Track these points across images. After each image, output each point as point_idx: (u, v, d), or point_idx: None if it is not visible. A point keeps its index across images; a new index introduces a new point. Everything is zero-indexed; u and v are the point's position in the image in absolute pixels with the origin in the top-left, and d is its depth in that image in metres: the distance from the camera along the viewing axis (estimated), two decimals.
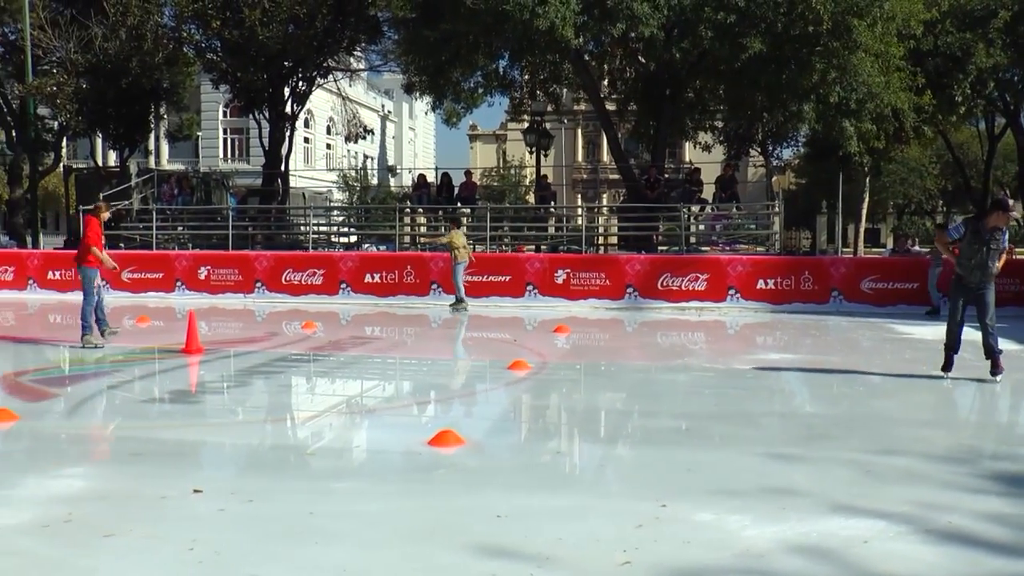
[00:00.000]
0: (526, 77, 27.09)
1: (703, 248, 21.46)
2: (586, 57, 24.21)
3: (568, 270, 18.79)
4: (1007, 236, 9.50)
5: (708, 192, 24.11)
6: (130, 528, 4.71)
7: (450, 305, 17.93)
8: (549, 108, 29.04)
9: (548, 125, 30.53)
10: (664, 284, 18.31)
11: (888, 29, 20.50)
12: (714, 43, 19.77)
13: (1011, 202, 12.88)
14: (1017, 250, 16.96)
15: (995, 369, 9.38)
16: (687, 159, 51.07)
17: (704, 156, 33.08)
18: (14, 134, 31.78)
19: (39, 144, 30.67)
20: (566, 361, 12.02)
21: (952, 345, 9.55)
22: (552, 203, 26.40)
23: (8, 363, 11.60)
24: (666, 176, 26.84)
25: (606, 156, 58.27)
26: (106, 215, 12.91)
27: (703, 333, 15.34)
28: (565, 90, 30.41)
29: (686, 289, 18.24)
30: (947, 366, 9.68)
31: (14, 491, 5.43)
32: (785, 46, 19.94)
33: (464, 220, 22.67)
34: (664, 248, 22.00)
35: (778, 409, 8.66)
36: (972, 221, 9.85)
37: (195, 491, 5.33)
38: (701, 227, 22.89)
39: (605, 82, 29.64)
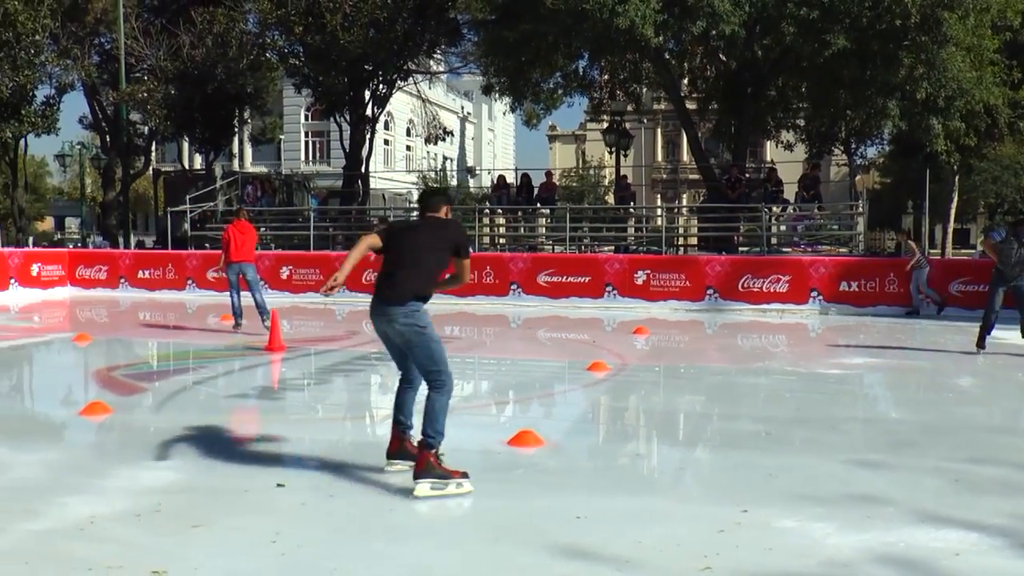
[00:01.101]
0: (605, 77, 26.99)
1: (784, 249, 21.09)
2: (666, 56, 23.99)
3: (648, 271, 18.65)
4: None
5: (789, 192, 23.69)
6: (216, 519, 4.84)
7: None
8: (629, 108, 28.89)
9: (628, 125, 30.36)
10: (745, 286, 18.04)
11: (982, 21, 19.85)
12: (797, 39, 19.41)
13: None
14: None
15: None
16: (768, 158, 50.24)
17: (786, 155, 32.53)
18: (108, 139, 32.98)
19: (131, 148, 31.76)
20: (645, 363, 11.94)
21: (987, 327, 11.47)
22: (631, 204, 26.23)
23: (101, 358, 12.05)
24: (747, 176, 26.43)
25: (686, 156, 57.68)
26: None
27: (784, 336, 15.08)
28: (645, 89, 30.24)
29: (767, 291, 17.95)
30: (981, 343, 11.50)
31: (108, 481, 5.63)
32: (871, 41, 19.47)
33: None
34: (744, 249, 21.68)
35: (861, 415, 8.47)
36: (1012, 226, 11.81)
37: (278, 485, 5.44)
38: (782, 228, 22.50)
39: (685, 81, 29.38)
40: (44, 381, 11.02)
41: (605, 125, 28.69)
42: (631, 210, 25.87)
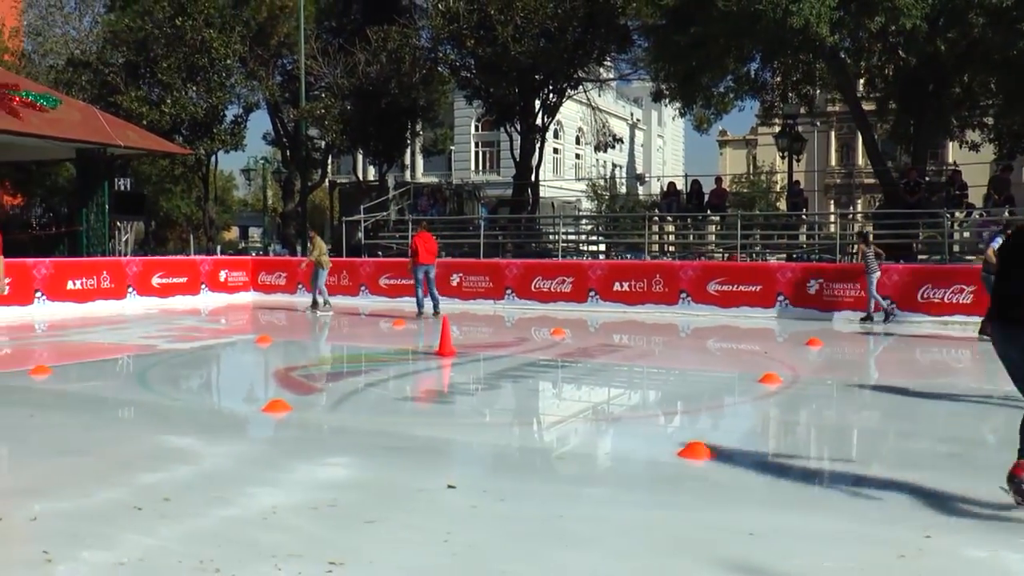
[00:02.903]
0: (778, 79, 26.26)
1: (968, 257, 19.84)
2: (841, 55, 23.08)
3: (821, 280, 17.99)
4: None
5: (974, 196, 22.30)
6: (389, 516, 4.98)
7: (308, 307, 19.15)
8: (802, 110, 28.00)
9: (800, 128, 29.44)
10: (925, 296, 17.10)
11: None
12: (986, 30, 18.27)
13: None
14: None
15: None
16: (951, 160, 47.55)
17: (970, 156, 30.64)
18: (288, 154, 34.76)
19: (309, 162, 33.42)
20: (818, 376, 11.49)
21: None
22: (804, 210, 25.39)
23: (280, 359, 12.69)
24: (927, 179, 25.10)
25: (861, 159, 55.39)
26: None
27: (968, 351, 14.15)
28: (818, 91, 29.20)
29: (949, 302, 16.92)
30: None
31: (288, 475, 5.90)
32: None
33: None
34: (924, 257, 20.57)
35: None
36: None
37: (449, 486, 5.54)
38: (966, 234, 21.21)
39: (861, 80, 28.16)
40: (230, 379, 11.71)
41: (777, 129, 27.91)
42: (804, 217, 25.03)
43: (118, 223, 23.11)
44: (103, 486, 5.58)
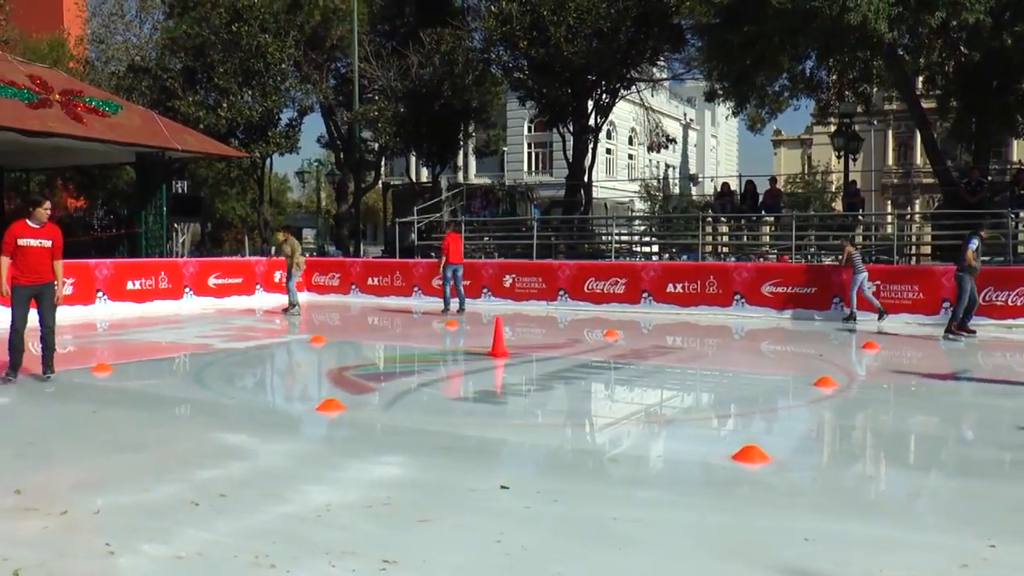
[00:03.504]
0: (834, 77, 25.88)
1: None
2: (900, 51, 22.66)
3: (877, 282, 17.65)
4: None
5: None
6: (442, 516, 5.00)
7: (283, 310, 19.09)
8: (858, 109, 27.54)
9: (857, 127, 28.96)
10: (987, 298, 16.64)
11: None
12: None
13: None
14: None
15: None
16: (1015, 158, 46.46)
17: None
18: (342, 156, 35.14)
19: (362, 164, 33.73)
20: (875, 380, 11.29)
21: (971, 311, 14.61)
22: (860, 210, 24.95)
23: (334, 359, 12.81)
24: (990, 178, 24.50)
25: (919, 158, 54.37)
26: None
27: None
28: (875, 89, 28.74)
29: (1012, 304, 16.50)
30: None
31: (342, 473, 5.96)
32: None
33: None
34: (986, 259, 20.09)
35: None
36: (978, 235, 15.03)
37: (502, 487, 5.54)
38: None
39: (920, 78, 27.66)
40: (284, 378, 11.84)
41: (833, 128, 27.50)
42: (860, 217, 24.61)
43: (175, 225, 23.55)
44: (161, 481, 5.69)
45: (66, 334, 14.97)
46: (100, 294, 18.56)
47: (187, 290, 20.56)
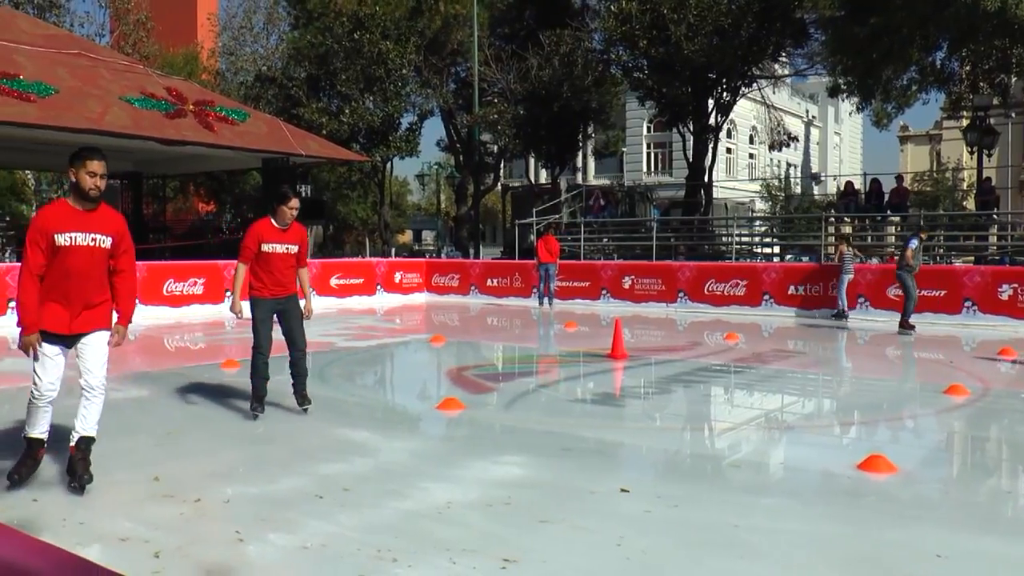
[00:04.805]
0: (967, 68, 24.77)
1: None
2: None
3: (1014, 285, 16.78)
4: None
5: None
6: (563, 517, 5.00)
7: None
8: (994, 101, 26.27)
9: (992, 121, 27.62)
10: None
11: None
12: None
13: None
14: None
15: None
16: None
17: None
18: (461, 159, 35.60)
19: (482, 166, 34.08)
20: (1011, 388, 10.73)
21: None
22: (995, 209, 23.82)
23: (453, 358, 12.99)
24: None
25: None
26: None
27: None
28: (1014, 79, 27.34)
29: None
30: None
31: (462, 471, 6.03)
32: None
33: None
34: None
35: None
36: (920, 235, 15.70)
37: (622, 490, 5.51)
38: None
39: None
40: (404, 377, 12.07)
41: (965, 122, 26.33)
42: (994, 216, 23.49)
43: None
44: (287, 474, 5.88)
45: (197, 331, 15.66)
46: (228, 293, 19.27)
47: (310, 290, 21.11)
